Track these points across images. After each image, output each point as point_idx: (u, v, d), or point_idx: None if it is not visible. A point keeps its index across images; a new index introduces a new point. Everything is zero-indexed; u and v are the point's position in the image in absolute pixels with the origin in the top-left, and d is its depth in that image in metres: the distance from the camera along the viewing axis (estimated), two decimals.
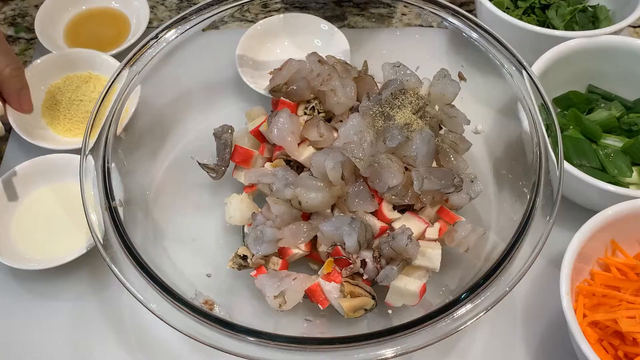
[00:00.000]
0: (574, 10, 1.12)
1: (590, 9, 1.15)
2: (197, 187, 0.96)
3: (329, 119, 0.92)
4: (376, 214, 0.83)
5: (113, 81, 0.86)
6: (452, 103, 0.92)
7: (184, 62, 0.96)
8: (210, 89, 1.05)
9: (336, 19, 1.19)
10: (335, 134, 0.87)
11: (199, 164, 0.93)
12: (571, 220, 0.86)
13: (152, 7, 1.26)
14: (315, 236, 0.83)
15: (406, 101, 0.88)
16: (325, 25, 1.10)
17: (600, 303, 0.81)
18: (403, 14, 1.20)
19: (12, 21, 1.26)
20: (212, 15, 0.95)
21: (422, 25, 1.15)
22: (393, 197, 0.82)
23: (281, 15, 1.09)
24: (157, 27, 0.92)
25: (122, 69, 0.87)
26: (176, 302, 0.71)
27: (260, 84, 1.02)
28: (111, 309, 0.89)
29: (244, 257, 0.83)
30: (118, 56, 1.09)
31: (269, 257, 0.84)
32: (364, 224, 0.81)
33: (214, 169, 0.93)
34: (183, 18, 0.93)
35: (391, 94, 0.90)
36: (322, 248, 0.83)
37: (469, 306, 0.71)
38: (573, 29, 1.11)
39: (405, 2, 0.97)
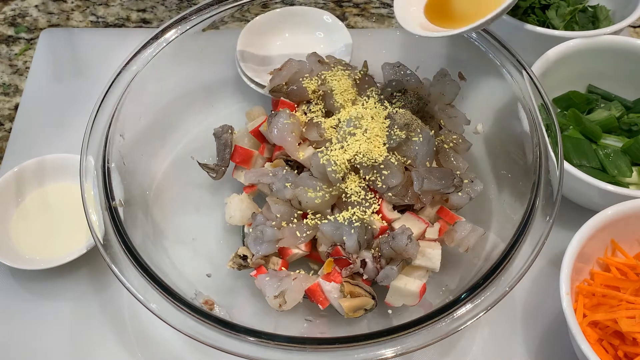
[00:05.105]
0: (574, 10, 1.12)
1: (590, 9, 1.15)
2: (197, 187, 0.96)
3: None
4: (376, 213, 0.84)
5: (113, 81, 0.86)
6: (452, 103, 0.92)
7: (184, 62, 0.96)
8: (210, 89, 1.05)
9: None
10: None
11: (199, 164, 0.93)
12: (571, 220, 0.86)
13: (152, 7, 1.26)
14: (315, 236, 0.83)
15: (406, 101, 0.88)
16: (328, 17, 1.08)
17: (600, 303, 0.81)
18: None
19: (12, 21, 1.26)
20: (212, 15, 0.95)
21: None
22: (393, 197, 0.82)
23: (282, 9, 1.07)
24: (157, 27, 0.92)
25: (123, 69, 0.87)
26: (176, 302, 0.71)
27: (264, 79, 1.02)
28: (111, 309, 0.89)
29: (244, 257, 0.83)
30: None
31: (269, 257, 0.84)
32: (364, 224, 0.81)
33: (214, 169, 0.93)
34: (183, 18, 0.93)
35: (391, 94, 0.90)
36: (322, 248, 0.83)
37: (469, 306, 0.71)
38: (573, 29, 1.10)
39: None
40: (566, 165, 0.86)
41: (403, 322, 0.70)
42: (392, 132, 0.84)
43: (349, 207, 0.81)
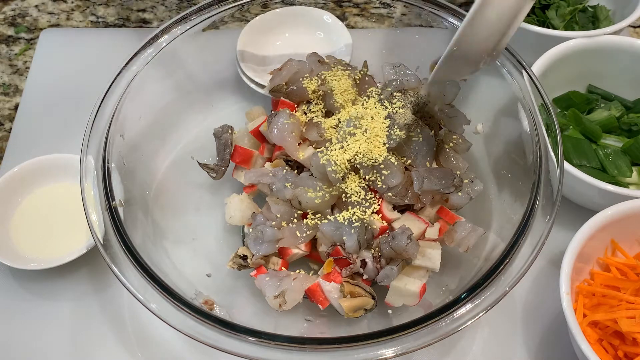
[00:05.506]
0: (574, 10, 1.12)
1: (590, 9, 1.15)
2: (197, 187, 0.96)
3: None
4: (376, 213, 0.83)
5: (113, 81, 0.86)
6: (452, 103, 0.92)
7: (184, 62, 0.96)
8: (210, 89, 1.05)
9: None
10: None
11: (199, 164, 0.93)
12: (571, 220, 0.86)
13: (152, 7, 1.26)
14: (315, 236, 0.83)
15: (406, 101, 0.88)
16: (328, 17, 1.09)
17: (600, 303, 0.81)
18: (403, 14, 1.20)
19: (12, 21, 1.26)
20: (212, 15, 0.95)
21: (422, 25, 1.15)
22: (393, 197, 0.82)
23: (282, 9, 1.07)
24: (157, 27, 0.92)
25: (123, 69, 0.87)
26: (176, 302, 0.71)
27: (264, 79, 1.02)
28: (111, 309, 0.89)
29: (244, 257, 0.83)
30: None
31: (269, 257, 0.84)
32: (364, 224, 0.81)
33: (214, 169, 0.93)
34: (183, 18, 0.93)
35: (391, 94, 0.90)
36: (322, 248, 0.83)
37: (469, 306, 0.71)
38: (573, 29, 1.11)
39: (405, 2, 0.97)
40: (566, 165, 0.86)
41: (403, 322, 0.70)
42: (392, 132, 0.84)
43: (349, 207, 0.81)
